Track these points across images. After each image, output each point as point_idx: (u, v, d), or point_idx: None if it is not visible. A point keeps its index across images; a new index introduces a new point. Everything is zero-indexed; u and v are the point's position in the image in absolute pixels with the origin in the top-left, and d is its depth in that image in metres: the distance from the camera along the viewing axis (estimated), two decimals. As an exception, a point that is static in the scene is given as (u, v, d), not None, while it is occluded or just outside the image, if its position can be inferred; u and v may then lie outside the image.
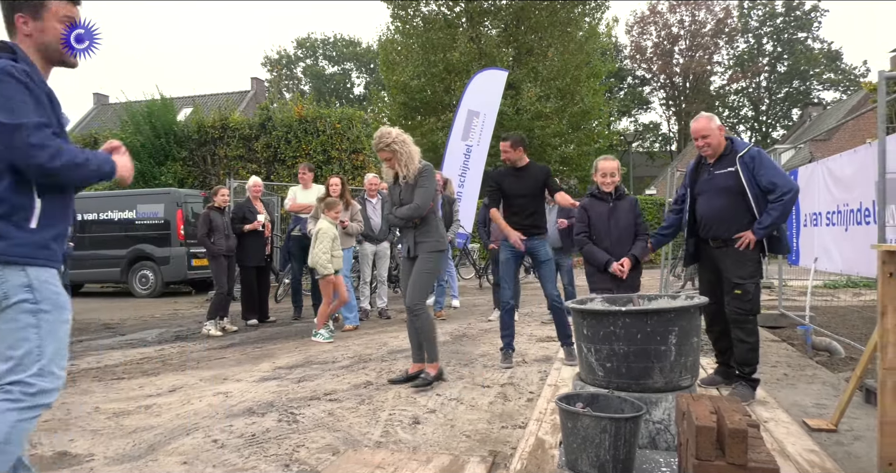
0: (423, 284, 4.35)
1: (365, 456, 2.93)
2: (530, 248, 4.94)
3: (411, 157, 4.33)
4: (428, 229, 4.39)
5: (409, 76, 21.85)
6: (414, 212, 4.28)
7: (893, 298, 2.72)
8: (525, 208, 4.91)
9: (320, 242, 6.09)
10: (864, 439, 3.33)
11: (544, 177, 4.90)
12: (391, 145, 4.28)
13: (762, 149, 3.95)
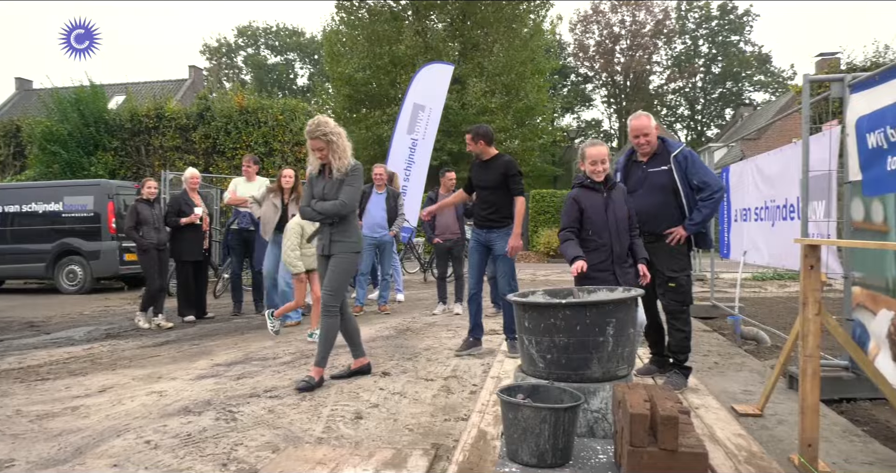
0: (339, 285, 4.21)
1: (306, 453, 2.89)
2: (487, 240, 4.98)
3: (345, 151, 4.20)
4: (346, 228, 4.24)
5: (354, 68, 21.58)
6: (339, 209, 4.13)
7: (815, 289, 2.88)
8: (487, 200, 4.95)
9: (287, 239, 5.87)
10: (786, 423, 3.52)
11: (504, 170, 4.90)
12: (328, 135, 4.14)
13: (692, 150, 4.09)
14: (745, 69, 46.85)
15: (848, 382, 4.14)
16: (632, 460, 1.88)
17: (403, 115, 12.43)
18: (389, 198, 7.63)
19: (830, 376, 4.13)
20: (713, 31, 47.03)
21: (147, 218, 6.82)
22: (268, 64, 51.50)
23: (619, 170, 4.16)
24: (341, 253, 4.21)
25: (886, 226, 3.56)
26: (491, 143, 5.02)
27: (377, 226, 7.52)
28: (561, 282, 12.00)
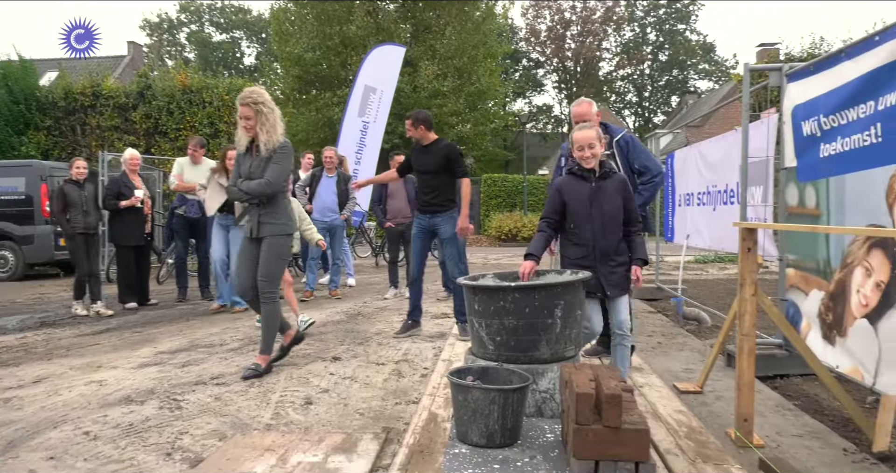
0: (274, 270, 4.07)
1: (254, 440, 2.85)
2: (431, 225, 4.99)
3: (274, 128, 3.98)
4: (275, 210, 4.06)
5: (304, 48, 21.06)
6: (265, 188, 3.94)
7: (751, 271, 3.00)
8: (429, 184, 4.96)
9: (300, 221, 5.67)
10: (724, 399, 3.68)
11: (445, 154, 4.92)
12: (259, 105, 3.91)
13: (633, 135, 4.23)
14: (691, 57, 48.05)
15: (782, 359, 4.35)
16: (577, 437, 1.93)
17: (354, 98, 12.25)
18: (340, 181, 7.53)
19: (765, 354, 4.33)
20: (660, 20, 47.97)
21: (75, 200, 6.50)
22: (213, 42, 49.72)
23: (564, 155, 4.18)
24: (272, 235, 4.04)
25: (818, 210, 3.73)
26: (431, 128, 5.03)
27: (328, 209, 7.43)
28: (512, 266, 12.14)
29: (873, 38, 3.09)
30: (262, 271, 4.05)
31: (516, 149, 35.15)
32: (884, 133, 3.01)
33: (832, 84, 3.48)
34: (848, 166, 3.35)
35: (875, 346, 3.12)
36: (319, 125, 20.92)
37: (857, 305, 3.29)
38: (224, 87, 13.45)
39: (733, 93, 27.11)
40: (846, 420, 3.45)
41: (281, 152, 3.99)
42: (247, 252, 4.13)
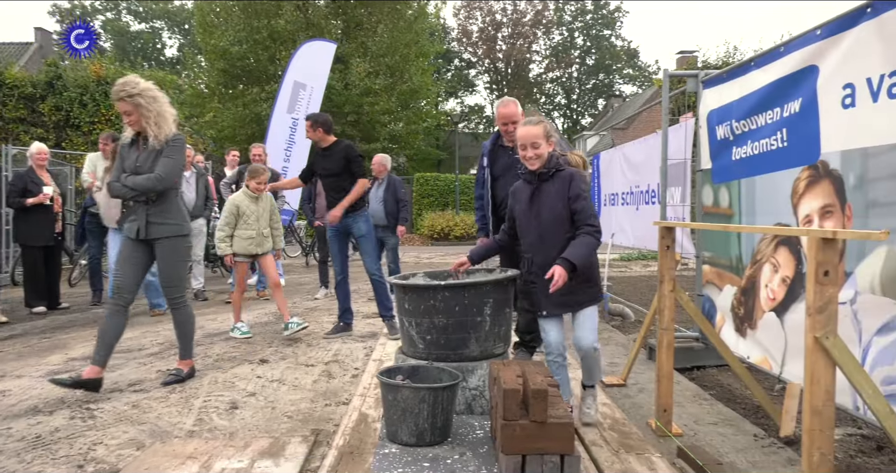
0: (176, 274, 3.78)
1: (175, 448, 2.74)
2: (344, 226, 5.00)
3: (163, 118, 3.65)
4: (167, 208, 3.71)
5: (230, 41, 20.37)
6: (155, 183, 3.58)
7: (670, 268, 3.14)
8: (334, 187, 4.96)
9: (221, 218, 5.20)
10: (646, 391, 3.84)
11: (344, 155, 4.94)
12: (134, 98, 3.56)
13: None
14: (616, 62, 49.80)
15: (699, 351, 4.58)
16: (505, 433, 1.97)
17: (283, 94, 11.98)
18: (270, 179, 7.34)
19: (684, 346, 4.54)
20: (588, 25, 49.45)
21: None
22: (131, 31, 47.34)
23: (485, 155, 4.15)
24: (166, 238, 3.69)
25: (731, 210, 3.95)
26: (330, 132, 5.03)
27: None
28: (444, 265, 12.21)
29: (779, 49, 3.30)
30: (165, 278, 3.77)
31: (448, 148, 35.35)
32: (789, 138, 3.22)
33: (743, 91, 3.69)
34: (757, 169, 3.57)
35: (782, 337, 3.34)
36: (247, 121, 20.30)
37: (765, 299, 3.51)
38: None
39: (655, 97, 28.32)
40: (756, 407, 3.67)
41: (173, 145, 3.65)
42: (131, 255, 3.71)
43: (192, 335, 4.01)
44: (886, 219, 2.53)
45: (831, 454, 1.87)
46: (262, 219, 5.25)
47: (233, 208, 5.15)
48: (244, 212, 5.15)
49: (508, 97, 4.05)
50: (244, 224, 5.16)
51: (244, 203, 5.17)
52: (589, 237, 2.66)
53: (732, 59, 22.96)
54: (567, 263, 2.54)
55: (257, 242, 5.21)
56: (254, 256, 5.27)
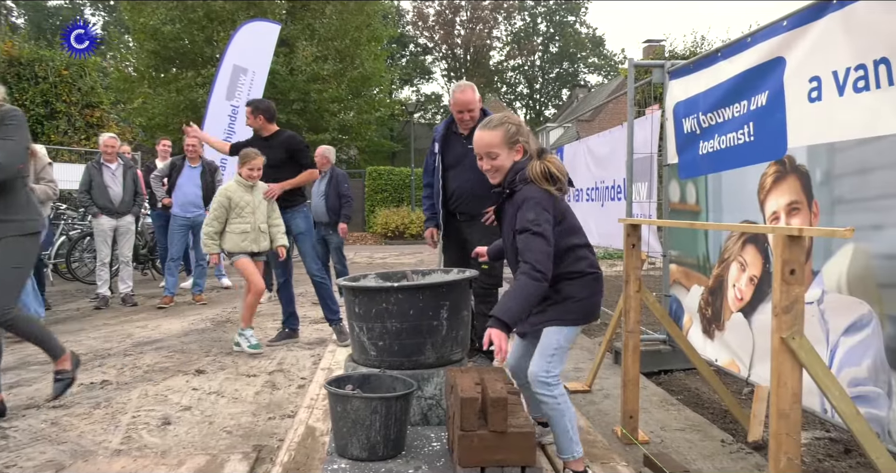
0: (10, 283, 3.25)
1: (99, 467, 2.66)
2: (284, 221, 4.95)
3: None
4: (13, 203, 3.22)
5: (161, 20, 19.82)
6: None
7: (636, 267, 3.21)
8: (273, 179, 4.91)
9: (210, 212, 4.80)
10: (612, 396, 3.92)
11: (287, 146, 4.91)
12: None
13: None
14: (581, 50, 50.56)
15: (665, 355, 4.71)
16: (462, 444, 1.98)
17: (221, 78, 11.71)
18: (205, 172, 7.18)
19: (650, 350, 4.66)
20: (551, 10, 50.05)
21: None
22: (48, 6, 45.54)
23: (437, 141, 4.04)
24: (11, 237, 3.22)
25: (698, 206, 4.07)
26: (272, 120, 5.00)
27: (191, 204, 7.06)
28: (398, 265, 12.19)
29: (746, 40, 3.41)
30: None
31: (403, 140, 35.26)
32: (755, 132, 3.33)
33: (710, 82, 3.80)
34: (724, 164, 3.68)
35: (749, 339, 3.46)
36: (181, 108, 19.79)
37: (733, 299, 3.63)
38: (62, 61, 12.37)
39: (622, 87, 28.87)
40: (724, 411, 3.79)
41: (10, 123, 3.09)
42: None
43: (47, 335, 3.52)
44: (852, 216, 2.64)
45: (798, 458, 1.94)
46: (260, 212, 4.81)
47: (223, 200, 4.70)
48: (237, 203, 4.71)
49: (466, 82, 3.94)
50: (237, 217, 4.71)
51: (237, 193, 4.72)
52: (523, 279, 2.19)
53: (700, 48, 23.62)
54: (497, 322, 2.14)
55: (253, 238, 4.76)
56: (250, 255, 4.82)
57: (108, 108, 12.66)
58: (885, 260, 2.47)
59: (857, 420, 1.93)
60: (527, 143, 2.40)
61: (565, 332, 2.34)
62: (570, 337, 2.36)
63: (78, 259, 8.59)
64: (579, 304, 2.35)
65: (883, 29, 2.43)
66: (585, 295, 2.36)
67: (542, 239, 2.20)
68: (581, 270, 2.37)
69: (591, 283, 2.39)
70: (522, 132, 2.40)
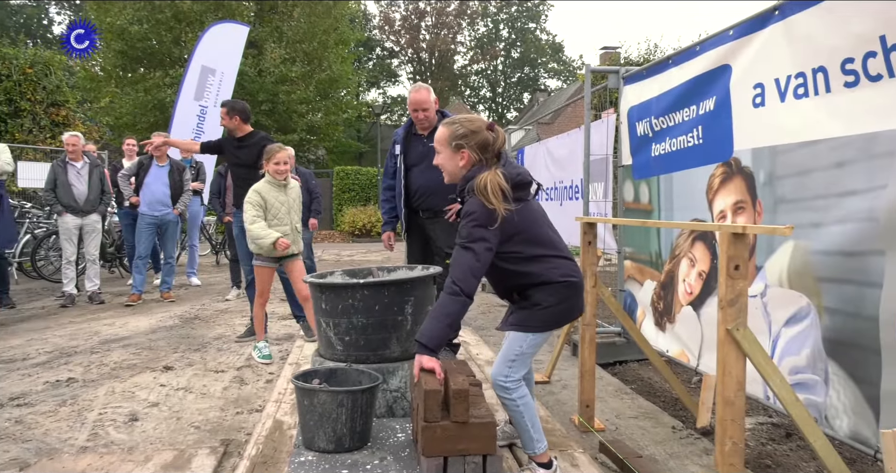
0: None
1: (64, 465, 2.58)
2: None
3: None
4: None
5: (128, 20, 19.30)
6: None
7: (592, 264, 3.25)
8: (245, 178, 4.83)
9: (246, 213, 4.22)
10: (570, 387, 3.96)
11: (262, 147, 4.82)
12: None
13: None
14: (541, 56, 51.00)
15: (620, 346, 4.78)
16: (426, 435, 1.98)
17: (190, 79, 11.48)
18: (173, 171, 7.02)
19: (606, 342, 4.73)
20: (513, 17, 50.35)
21: None
22: (12, 5, 43.96)
23: (398, 143, 4.02)
24: None
25: (651, 205, 4.14)
26: (247, 121, 4.93)
27: (158, 202, 6.90)
28: (366, 263, 12.11)
29: (695, 48, 3.48)
30: None
31: (370, 140, 35.07)
32: (704, 135, 3.41)
33: (661, 88, 3.87)
34: (675, 165, 3.75)
35: (698, 331, 3.54)
36: (148, 108, 19.31)
37: (683, 293, 3.70)
38: (27, 59, 11.96)
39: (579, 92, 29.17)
40: (675, 399, 3.87)
41: None
42: None
43: None
44: (793, 215, 2.72)
45: (742, 442, 1.99)
46: (294, 212, 4.35)
47: (258, 198, 4.19)
48: (272, 203, 4.23)
49: (422, 83, 3.96)
50: (274, 219, 4.23)
51: (270, 193, 4.22)
52: (443, 296, 2.13)
53: (653, 56, 24.04)
54: (421, 347, 2.09)
55: (292, 239, 4.28)
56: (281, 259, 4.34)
57: (74, 107, 12.26)
58: (822, 256, 2.55)
59: (797, 406, 1.99)
60: (474, 151, 2.25)
61: (529, 339, 2.25)
62: (535, 343, 2.27)
63: (43, 257, 8.32)
64: (546, 312, 2.25)
65: (820, 39, 2.51)
66: (553, 303, 2.25)
67: (470, 255, 2.12)
68: (549, 279, 2.24)
69: (562, 291, 2.26)
70: (473, 138, 2.25)
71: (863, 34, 2.30)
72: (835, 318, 2.49)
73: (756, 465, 2.91)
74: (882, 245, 2.24)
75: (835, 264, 2.49)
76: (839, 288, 2.47)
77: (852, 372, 2.41)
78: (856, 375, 2.39)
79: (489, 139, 2.25)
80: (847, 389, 2.43)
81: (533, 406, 2.28)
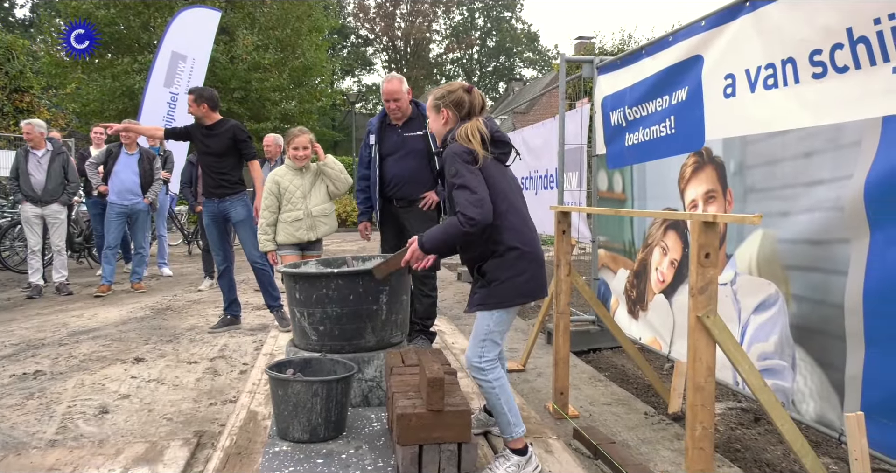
0: None
1: (32, 460, 2.53)
2: (222, 210, 4.85)
3: None
4: None
5: (95, 4, 18.80)
6: None
7: (566, 252, 3.28)
8: (215, 167, 4.78)
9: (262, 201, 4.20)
10: (544, 375, 4.00)
11: (232, 135, 4.79)
12: None
13: None
14: (517, 45, 50.99)
15: (594, 334, 4.84)
16: (401, 423, 1.98)
17: (159, 65, 11.25)
18: (143, 159, 6.88)
19: (580, 330, 4.77)
20: (488, 6, 50.19)
21: None
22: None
23: (373, 133, 4.05)
24: None
25: (624, 194, 4.17)
26: (216, 108, 4.87)
27: (128, 191, 6.76)
28: (340, 252, 12.05)
29: (668, 39, 3.51)
30: None
31: (345, 129, 34.80)
32: (676, 125, 3.44)
33: (635, 78, 3.90)
34: (648, 155, 3.79)
35: (670, 318, 3.59)
36: (117, 95, 18.85)
37: (655, 282, 3.75)
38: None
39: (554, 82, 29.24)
40: (647, 386, 3.93)
41: None
42: None
43: None
44: (762, 204, 2.77)
45: (712, 427, 2.03)
46: (313, 196, 4.19)
47: (271, 186, 4.13)
48: (286, 187, 4.12)
49: (395, 73, 3.96)
50: (288, 203, 4.14)
51: (286, 177, 4.14)
52: (453, 220, 2.30)
53: (627, 46, 24.17)
54: (418, 241, 2.37)
55: (308, 225, 4.15)
56: (304, 244, 4.21)
57: (38, 93, 11.93)
58: (790, 245, 2.60)
59: (765, 391, 2.03)
60: (451, 108, 2.47)
61: (495, 316, 2.29)
62: (502, 320, 2.31)
63: (8, 248, 8.12)
64: (503, 287, 2.29)
65: (789, 30, 2.54)
66: (508, 277, 2.29)
67: (465, 190, 2.24)
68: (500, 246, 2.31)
69: (515, 263, 2.30)
70: (448, 98, 2.48)
71: (830, 26, 2.33)
72: (802, 305, 2.55)
73: (726, 449, 2.97)
74: (848, 233, 2.30)
75: (802, 252, 2.54)
76: (806, 275, 2.52)
77: (818, 358, 2.47)
78: (822, 361, 2.45)
79: (464, 98, 2.46)
80: (813, 374, 2.49)
81: (509, 389, 2.31)
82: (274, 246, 4.16)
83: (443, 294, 5.76)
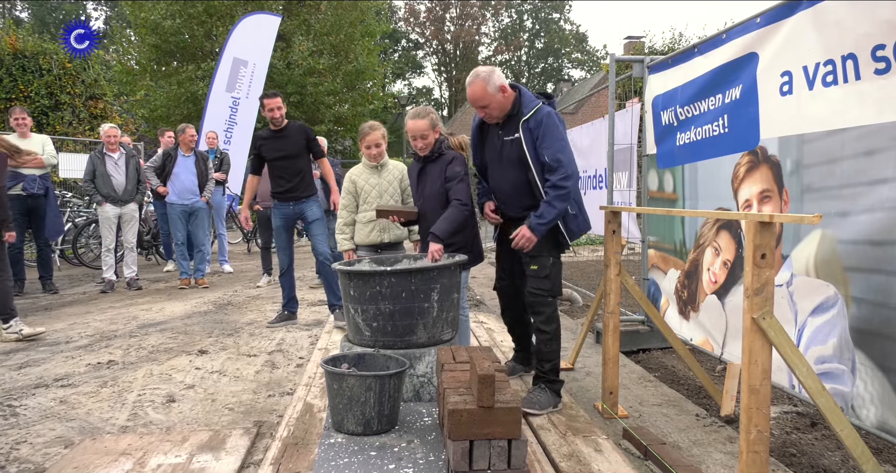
0: None
1: (106, 444, 2.65)
2: (297, 211, 4.92)
3: None
4: None
5: (161, 15, 19.51)
6: None
7: (616, 252, 3.22)
8: (291, 169, 4.83)
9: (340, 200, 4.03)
10: (593, 374, 3.94)
11: (305, 135, 4.85)
12: None
13: (554, 110, 3.05)
14: (565, 46, 50.40)
15: (644, 334, 4.74)
16: (452, 419, 1.99)
17: (222, 71, 11.59)
18: (199, 161, 7.11)
19: (630, 330, 4.69)
20: (536, 7, 49.78)
21: None
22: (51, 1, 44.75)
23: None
24: None
25: (675, 194, 4.07)
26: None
27: (188, 191, 7.00)
28: (392, 251, 12.15)
29: (721, 36, 3.40)
30: None
31: (396, 131, 35.10)
32: (730, 124, 3.33)
33: (687, 77, 3.80)
34: (700, 154, 3.68)
35: (723, 320, 3.49)
36: (182, 100, 19.54)
37: (707, 282, 3.65)
38: (66, 54, 12.17)
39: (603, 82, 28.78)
40: (699, 388, 3.83)
41: None
42: None
43: None
44: (820, 204, 2.66)
45: (767, 431, 1.97)
46: (389, 195, 3.91)
47: (348, 185, 3.92)
48: (362, 187, 3.90)
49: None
50: (363, 204, 3.91)
51: (362, 176, 3.92)
52: (454, 210, 3.10)
53: (678, 44, 23.56)
54: (434, 237, 2.98)
55: (382, 226, 3.89)
56: (381, 246, 3.95)
57: (111, 100, 12.47)
58: (850, 245, 2.49)
59: (823, 395, 1.95)
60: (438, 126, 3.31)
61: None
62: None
63: (84, 245, 8.53)
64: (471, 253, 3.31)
65: (849, 25, 2.43)
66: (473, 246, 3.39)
67: (464, 184, 3.20)
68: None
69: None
70: (437, 121, 3.32)
71: (893, 21, 2.22)
72: (862, 308, 2.43)
73: (781, 453, 2.87)
74: (912, 234, 2.18)
75: (863, 253, 2.42)
76: (867, 277, 2.41)
77: (880, 362, 2.36)
78: (883, 365, 2.34)
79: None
80: (874, 379, 2.38)
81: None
82: (351, 246, 3.95)
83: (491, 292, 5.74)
